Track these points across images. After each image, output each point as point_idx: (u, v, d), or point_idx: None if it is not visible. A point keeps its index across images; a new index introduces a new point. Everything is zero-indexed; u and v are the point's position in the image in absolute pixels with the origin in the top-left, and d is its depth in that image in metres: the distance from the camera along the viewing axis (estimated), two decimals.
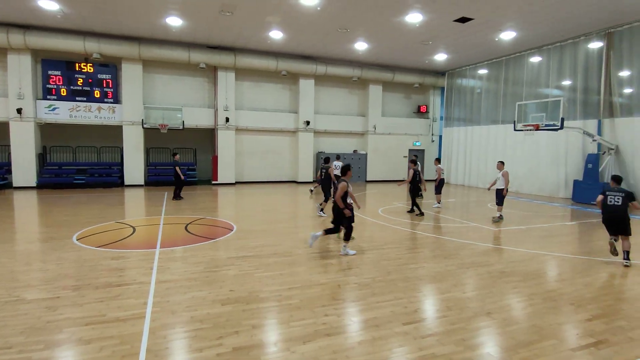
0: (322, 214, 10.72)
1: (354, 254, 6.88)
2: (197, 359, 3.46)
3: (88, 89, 16.96)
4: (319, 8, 12.45)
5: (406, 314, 4.50)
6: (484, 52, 17.80)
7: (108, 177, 17.44)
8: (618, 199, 6.67)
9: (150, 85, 18.13)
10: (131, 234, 8.27)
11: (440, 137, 23.42)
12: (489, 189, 11.27)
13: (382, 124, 22.10)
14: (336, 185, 7.06)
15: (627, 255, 6.60)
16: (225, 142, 18.94)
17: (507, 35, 15.05)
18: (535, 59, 17.04)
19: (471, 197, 16.20)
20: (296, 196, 15.74)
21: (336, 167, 12.63)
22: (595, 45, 14.64)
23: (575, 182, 14.75)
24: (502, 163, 10.88)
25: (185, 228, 8.94)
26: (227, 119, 18.74)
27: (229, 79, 18.71)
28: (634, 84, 13.73)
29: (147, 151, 18.74)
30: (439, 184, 12.92)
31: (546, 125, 13.39)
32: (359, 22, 13.95)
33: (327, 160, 12.04)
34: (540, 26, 14.00)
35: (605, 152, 14.15)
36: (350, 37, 15.88)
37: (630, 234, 6.59)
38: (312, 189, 16.11)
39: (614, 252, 6.68)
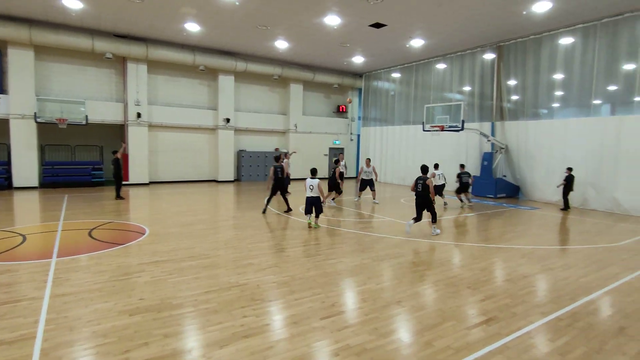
0: (332, 203, 13.16)
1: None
2: None
3: None
4: (237, 3, 12.16)
5: (324, 308, 4.63)
6: (397, 56, 18.97)
7: None
8: (419, 186, 8.67)
9: (44, 75, 16.07)
10: (20, 244, 7.27)
11: (359, 136, 24.45)
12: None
13: (303, 122, 22.37)
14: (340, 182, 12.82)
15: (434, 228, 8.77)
16: (137, 139, 17.58)
17: (417, 43, 16.23)
18: (441, 66, 18.64)
19: (387, 193, 17.18)
20: (216, 196, 15.23)
21: (345, 166, 14.12)
22: (489, 56, 16.49)
23: (474, 177, 16.47)
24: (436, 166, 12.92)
25: (89, 234, 8.13)
26: (139, 115, 17.41)
27: (140, 71, 17.38)
28: (519, 92, 15.76)
29: (42, 149, 16.61)
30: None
31: (450, 127, 14.75)
32: (278, 21, 13.93)
33: (337, 162, 14.07)
34: (444, 37, 15.35)
35: (497, 151, 16.03)
36: (271, 35, 15.79)
37: (432, 212, 8.68)
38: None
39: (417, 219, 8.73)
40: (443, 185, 13.18)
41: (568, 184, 12.71)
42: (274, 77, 20.60)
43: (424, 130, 16.40)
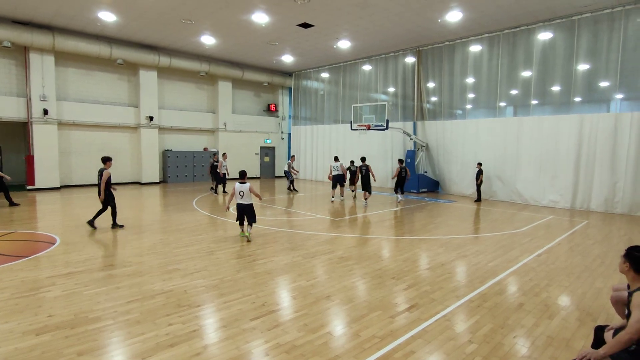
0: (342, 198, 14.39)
1: None
2: None
3: None
4: None
5: (254, 309, 4.62)
6: (325, 57, 19.35)
7: None
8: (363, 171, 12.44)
9: None
10: None
11: (289, 135, 24.55)
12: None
13: (233, 121, 21.88)
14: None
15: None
16: (45, 138, 15.81)
17: (343, 44, 16.72)
18: (367, 67, 19.42)
19: (318, 191, 17.49)
20: (140, 199, 14.29)
21: (335, 168, 14.34)
22: (410, 59, 17.56)
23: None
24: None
25: None
26: (46, 111, 15.67)
27: (46, 63, 15.63)
28: (437, 94, 17.01)
29: None
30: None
31: (375, 126, 15.45)
32: (204, 15, 13.44)
33: (336, 158, 14.80)
34: (368, 39, 16.02)
35: (419, 148, 17.16)
36: (196, 30, 15.18)
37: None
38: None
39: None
40: (341, 176, 14.23)
41: (477, 177, 14.15)
42: (201, 74, 19.85)
43: (351, 129, 16.97)
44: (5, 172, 15.89)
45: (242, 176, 7.98)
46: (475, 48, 15.37)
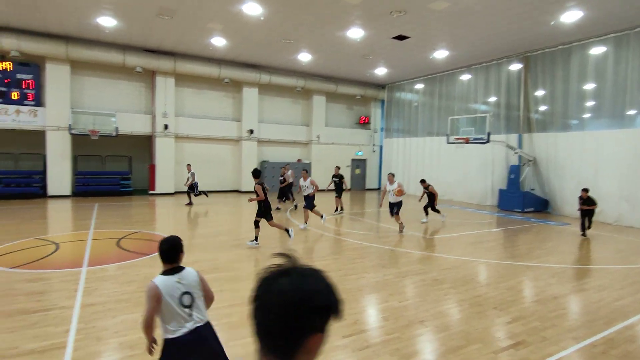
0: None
1: None
2: None
3: (4, 89, 15.32)
4: (262, 18, 12.43)
5: (346, 326, 4.58)
6: (420, 68, 18.87)
7: (28, 188, 15.84)
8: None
9: (79, 88, 16.83)
10: (53, 252, 7.57)
11: (381, 147, 24.34)
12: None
13: (326, 133, 22.48)
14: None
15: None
16: (164, 150, 18.09)
17: (440, 54, 16.11)
18: (465, 77, 18.41)
19: (409, 206, 16.94)
20: (239, 206, 15.43)
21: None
22: (515, 67, 16.17)
23: (500, 190, 16.07)
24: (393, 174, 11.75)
25: (117, 243, 8.37)
26: (166, 126, 17.95)
27: (168, 84, 17.96)
28: (547, 103, 15.34)
29: (75, 159, 17.32)
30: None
31: (475, 139, 14.49)
32: (302, 34, 14.15)
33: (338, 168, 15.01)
34: (468, 48, 15.18)
35: (525, 163, 15.59)
36: (294, 48, 16.04)
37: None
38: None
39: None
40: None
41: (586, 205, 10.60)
42: (297, 89, 20.86)
43: (448, 143, 16.17)
44: (134, 179, 18.54)
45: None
46: (597, 50, 13.53)
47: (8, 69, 15.34)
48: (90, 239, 8.77)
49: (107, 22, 13.34)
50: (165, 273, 2.78)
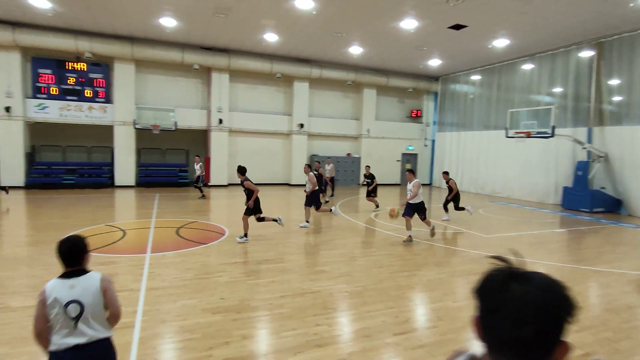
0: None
1: None
2: None
3: (79, 88, 16.76)
4: (314, 12, 12.46)
5: (397, 323, 4.51)
6: (477, 58, 17.96)
7: (98, 178, 17.25)
8: None
9: (142, 86, 17.97)
10: (121, 238, 8.18)
11: (433, 141, 23.57)
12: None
13: (376, 127, 22.18)
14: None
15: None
16: (218, 143, 18.85)
17: (501, 43, 15.20)
18: (528, 67, 17.23)
19: (462, 203, 16.27)
20: (289, 199, 15.71)
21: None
22: (586, 54, 14.85)
23: (565, 188, 14.93)
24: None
25: (177, 232, 8.86)
26: (221, 121, 18.66)
27: (222, 80, 18.63)
28: (623, 93, 13.94)
29: (139, 152, 18.56)
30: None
31: (537, 133, 13.54)
32: (354, 27, 13.99)
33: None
34: (533, 35, 14.17)
35: (594, 159, 14.33)
36: (346, 41, 15.92)
37: None
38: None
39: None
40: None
41: None
42: (348, 83, 20.73)
43: (507, 137, 15.27)
44: (190, 171, 19.50)
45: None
46: None
47: (82, 70, 16.73)
48: (153, 227, 9.36)
49: (168, 22, 14.07)
50: (61, 276, 2.34)
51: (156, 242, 7.89)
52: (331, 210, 10.20)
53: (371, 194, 13.20)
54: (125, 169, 17.53)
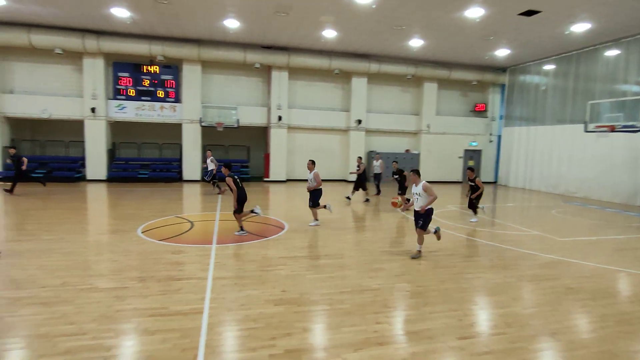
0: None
1: None
2: (251, 359, 3.56)
3: (152, 89, 18.09)
4: (374, 6, 12.26)
5: (461, 327, 4.32)
6: (551, 46, 16.55)
7: (168, 173, 18.53)
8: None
9: (208, 85, 18.95)
10: (189, 229, 8.71)
11: (499, 137, 22.20)
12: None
13: (437, 123, 21.38)
14: None
15: None
16: (278, 140, 19.35)
17: (580, 28, 13.86)
18: (612, 53, 15.53)
19: (532, 202, 15.20)
20: (345, 195, 15.67)
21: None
22: None
23: None
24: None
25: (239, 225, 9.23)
26: (280, 118, 19.12)
27: (282, 78, 19.06)
28: None
29: (204, 148, 19.61)
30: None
31: (623, 127, 12.20)
32: (415, 19, 13.56)
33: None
34: (619, 17, 12.73)
35: None
36: (406, 34, 15.49)
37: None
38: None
39: None
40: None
41: None
42: (407, 77, 20.18)
43: (586, 131, 13.93)
44: (251, 166, 20.23)
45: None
46: None
47: (155, 72, 18.03)
48: (217, 219, 9.86)
49: (231, 23, 14.67)
50: None
51: (220, 234, 8.30)
52: (325, 206, 9.78)
53: (403, 191, 12.15)
54: (192, 164, 18.65)
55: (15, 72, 17.04)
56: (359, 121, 20.10)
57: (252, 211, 8.52)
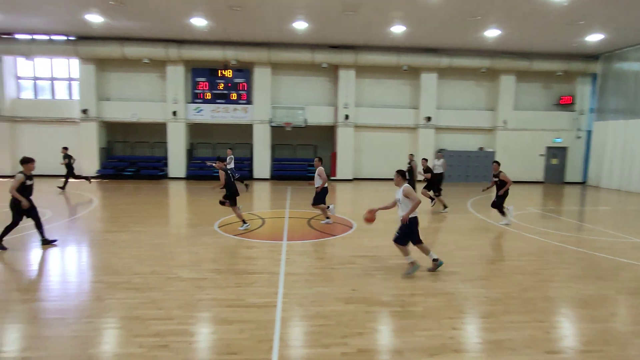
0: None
1: None
2: (324, 355, 3.58)
3: (226, 92, 19.14)
4: None
5: (549, 340, 3.94)
6: None
7: (240, 171, 19.44)
8: None
9: (277, 87, 19.58)
10: (261, 225, 9.06)
11: (589, 132, 19.99)
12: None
13: (514, 118, 19.84)
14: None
15: None
16: (344, 138, 19.38)
17: None
18: None
19: (630, 205, 13.47)
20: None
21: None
22: None
23: None
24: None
25: (308, 223, 9.41)
26: (347, 116, 19.13)
27: (349, 76, 19.04)
28: None
29: (273, 147, 20.31)
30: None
31: None
32: (491, 8, 12.71)
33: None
34: None
35: None
36: (480, 25, 14.59)
37: None
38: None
39: None
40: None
41: None
42: (482, 70, 18.99)
43: None
44: None
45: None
46: None
47: (229, 76, 19.06)
48: (287, 217, 10.13)
49: (300, 25, 14.97)
50: None
51: (291, 231, 8.51)
52: (328, 207, 9.31)
53: (432, 188, 11.75)
54: (262, 163, 19.41)
55: (111, 82, 19.10)
56: (429, 118, 19.38)
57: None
